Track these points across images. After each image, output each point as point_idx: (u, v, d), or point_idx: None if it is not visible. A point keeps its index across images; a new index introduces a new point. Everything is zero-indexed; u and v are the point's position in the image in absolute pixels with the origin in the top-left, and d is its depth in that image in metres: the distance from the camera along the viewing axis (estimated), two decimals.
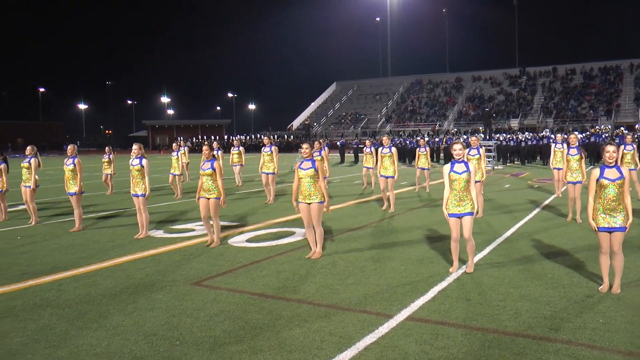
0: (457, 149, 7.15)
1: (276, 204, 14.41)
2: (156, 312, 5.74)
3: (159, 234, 10.33)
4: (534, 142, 32.38)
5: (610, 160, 6.21)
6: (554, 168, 13.53)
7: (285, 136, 68.89)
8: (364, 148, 18.82)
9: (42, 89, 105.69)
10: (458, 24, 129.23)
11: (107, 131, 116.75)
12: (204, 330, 5.18)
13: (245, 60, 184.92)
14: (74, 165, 10.81)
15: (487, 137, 32.35)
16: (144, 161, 9.90)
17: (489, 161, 28.99)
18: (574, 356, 4.44)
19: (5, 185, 12.24)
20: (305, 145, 8.16)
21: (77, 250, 9.00)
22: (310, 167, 7.94)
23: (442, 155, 35.44)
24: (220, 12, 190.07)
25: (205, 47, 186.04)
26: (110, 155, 18.82)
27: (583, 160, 10.95)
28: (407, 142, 37.11)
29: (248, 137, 72.32)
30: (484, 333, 4.96)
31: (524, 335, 4.89)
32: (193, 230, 10.54)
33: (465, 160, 7.19)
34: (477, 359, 4.44)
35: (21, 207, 12.98)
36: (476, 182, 11.22)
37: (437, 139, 36.97)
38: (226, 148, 42.20)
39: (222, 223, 11.15)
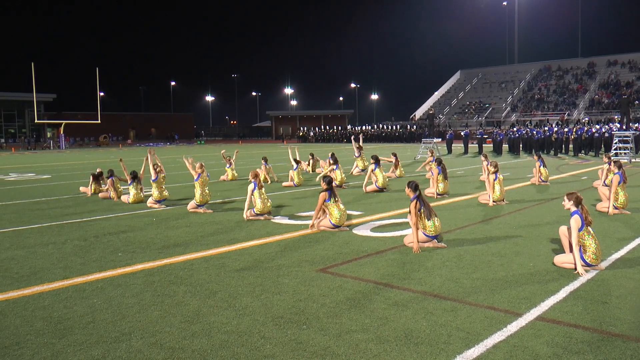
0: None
1: (400, 194, 14.31)
2: (283, 296, 5.90)
3: (284, 220, 10.63)
4: None
5: None
6: None
7: (408, 126, 68.34)
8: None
9: (173, 83, 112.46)
10: (592, 5, 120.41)
11: (232, 122, 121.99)
12: (330, 316, 5.25)
13: (367, 50, 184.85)
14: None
15: (625, 127, 30.05)
16: None
17: (625, 153, 27.04)
18: None
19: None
20: None
21: (205, 233, 9.49)
22: None
23: (570, 146, 33.50)
24: (342, 2, 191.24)
25: (327, 38, 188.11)
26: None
27: None
28: (534, 132, 35.45)
29: (370, 127, 73.09)
30: (625, 341, 4.59)
31: None
32: (318, 218, 10.73)
33: None
34: None
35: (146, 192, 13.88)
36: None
37: (566, 129, 34.91)
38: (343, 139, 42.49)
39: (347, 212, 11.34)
